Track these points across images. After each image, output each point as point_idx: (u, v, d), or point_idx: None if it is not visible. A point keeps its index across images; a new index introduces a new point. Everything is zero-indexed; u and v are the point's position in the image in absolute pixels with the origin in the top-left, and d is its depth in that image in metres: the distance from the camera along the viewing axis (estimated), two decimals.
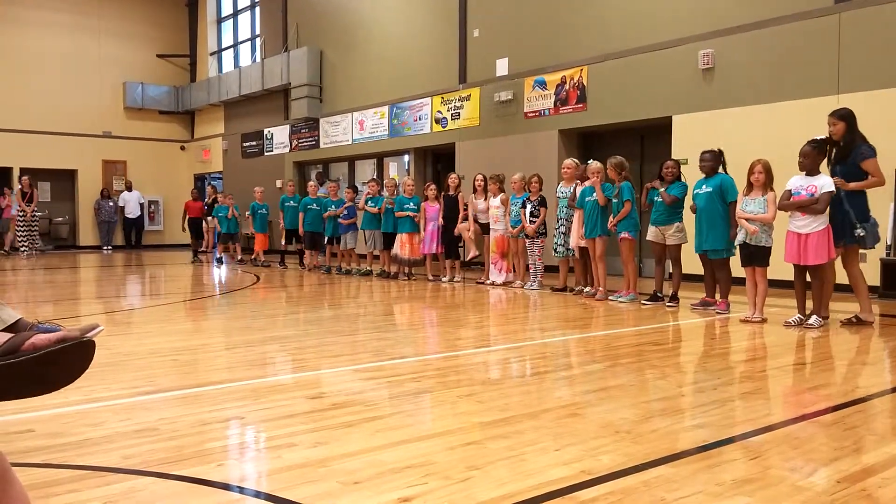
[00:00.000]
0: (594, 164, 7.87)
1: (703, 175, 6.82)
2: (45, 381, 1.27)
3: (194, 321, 6.69)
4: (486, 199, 9.58)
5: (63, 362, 1.26)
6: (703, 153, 6.86)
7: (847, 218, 5.76)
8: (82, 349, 1.28)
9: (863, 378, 4.16)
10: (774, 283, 6.90)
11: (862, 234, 5.75)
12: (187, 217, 15.57)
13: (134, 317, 6.80)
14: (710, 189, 6.64)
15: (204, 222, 17.61)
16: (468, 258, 10.12)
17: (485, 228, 9.67)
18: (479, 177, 9.72)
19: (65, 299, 8.43)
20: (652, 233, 7.32)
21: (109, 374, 3.90)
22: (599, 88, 10.77)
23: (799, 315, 5.95)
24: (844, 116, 5.89)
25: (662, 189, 7.15)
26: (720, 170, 6.74)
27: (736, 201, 6.39)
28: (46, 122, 18.89)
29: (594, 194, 7.73)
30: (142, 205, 19.89)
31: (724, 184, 6.56)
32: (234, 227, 14.04)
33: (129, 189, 19.69)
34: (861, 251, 6.02)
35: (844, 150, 5.86)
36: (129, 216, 19.70)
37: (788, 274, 6.29)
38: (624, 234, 7.51)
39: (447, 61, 13.19)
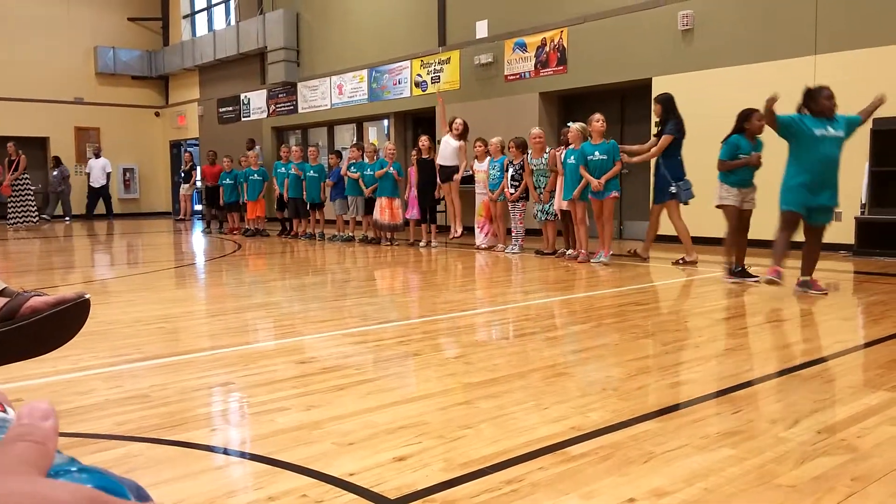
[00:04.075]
0: (575, 126, 7.85)
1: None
2: (45, 343, 1.28)
3: (177, 289, 6.66)
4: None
5: (63, 323, 1.27)
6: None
7: (664, 178, 6.95)
8: (80, 309, 1.29)
9: (840, 334, 4.26)
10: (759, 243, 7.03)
11: (674, 192, 6.88)
12: (206, 183, 14.31)
13: (116, 285, 6.74)
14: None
15: (182, 190, 17.27)
16: (451, 237, 10.11)
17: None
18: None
19: (42, 269, 8.34)
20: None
21: (96, 342, 3.89)
22: (580, 50, 10.70)
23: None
24: (659, 101, 7.19)
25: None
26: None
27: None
28: (15, 89, 18.37)
29: (573, 157, 7.74)
30: (108, 173, 18.13)
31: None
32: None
33: (97, 156, 18.09)
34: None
35: (661, 126, 7.15)
36: (92, 185, 17.78)
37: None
38: (613, 194, 7.51)
39: (427, 23, 13.00)
